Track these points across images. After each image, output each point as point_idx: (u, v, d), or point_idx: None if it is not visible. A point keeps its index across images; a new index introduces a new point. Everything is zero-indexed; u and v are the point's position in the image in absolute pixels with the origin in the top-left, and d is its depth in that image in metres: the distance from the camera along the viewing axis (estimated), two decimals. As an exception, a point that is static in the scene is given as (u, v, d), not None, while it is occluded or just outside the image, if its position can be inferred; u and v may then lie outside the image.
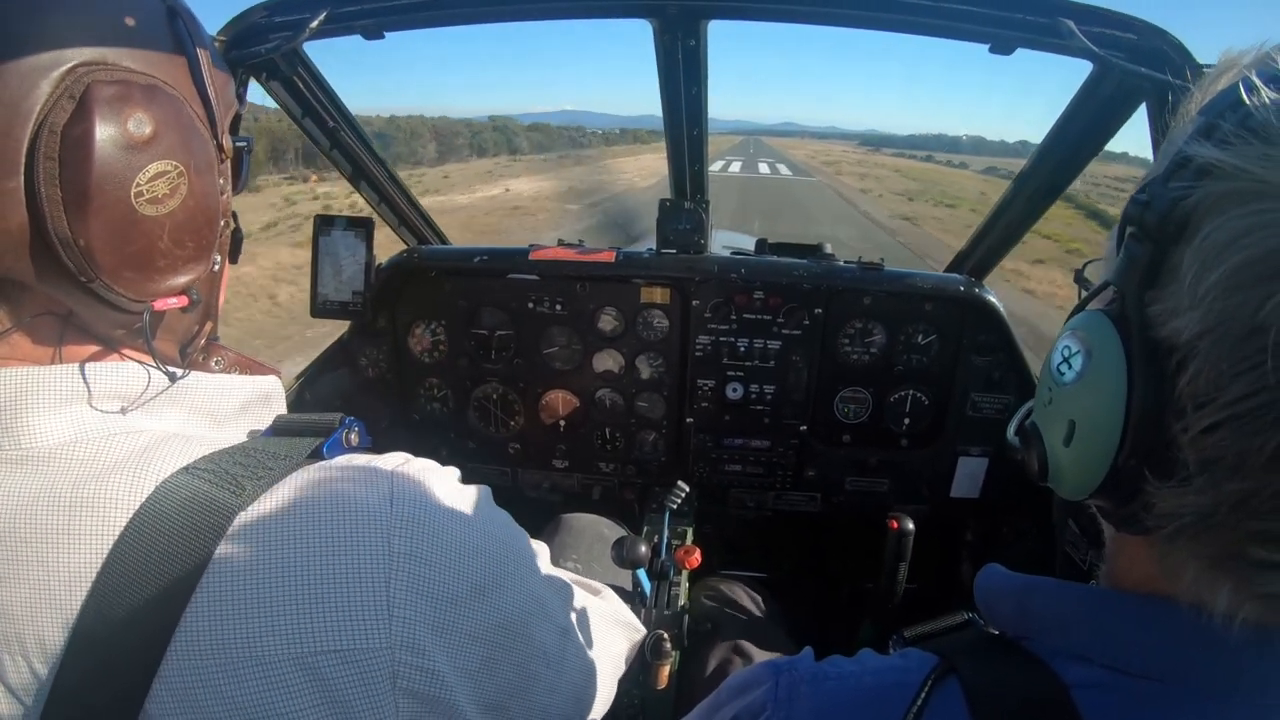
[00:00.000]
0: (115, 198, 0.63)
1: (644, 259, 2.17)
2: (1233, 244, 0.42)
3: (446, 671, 0.67)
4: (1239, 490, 0.43)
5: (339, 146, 2.01)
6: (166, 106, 0.67)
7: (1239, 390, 0.41)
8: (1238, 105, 0.45)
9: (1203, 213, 0.45)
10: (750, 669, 0.71)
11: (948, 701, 0.56)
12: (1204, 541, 0.46)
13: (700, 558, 1.77)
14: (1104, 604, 0.56)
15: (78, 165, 0.60)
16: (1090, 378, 0.52)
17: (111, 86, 0.62)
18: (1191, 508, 0.45)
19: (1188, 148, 0.47)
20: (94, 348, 0.70)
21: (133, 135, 0.63)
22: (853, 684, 0.62)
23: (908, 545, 1.75)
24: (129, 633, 0.59)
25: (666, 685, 1.55)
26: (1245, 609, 0.46)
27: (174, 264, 0.71)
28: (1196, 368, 0.44)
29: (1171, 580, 0.51)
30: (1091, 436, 0.52)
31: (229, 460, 0.66)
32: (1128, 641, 0.53)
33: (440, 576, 0.68)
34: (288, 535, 0.63)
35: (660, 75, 1.76)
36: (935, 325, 2.14)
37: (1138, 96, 1.41)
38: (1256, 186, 0.42)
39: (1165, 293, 0.47)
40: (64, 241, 0.61)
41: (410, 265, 2.26)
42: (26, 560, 0.60)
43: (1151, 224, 0.48)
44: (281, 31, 1.49)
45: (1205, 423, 0.43)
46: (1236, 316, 0.41)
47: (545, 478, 2.48)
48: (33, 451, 0.64)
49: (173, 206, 0.68)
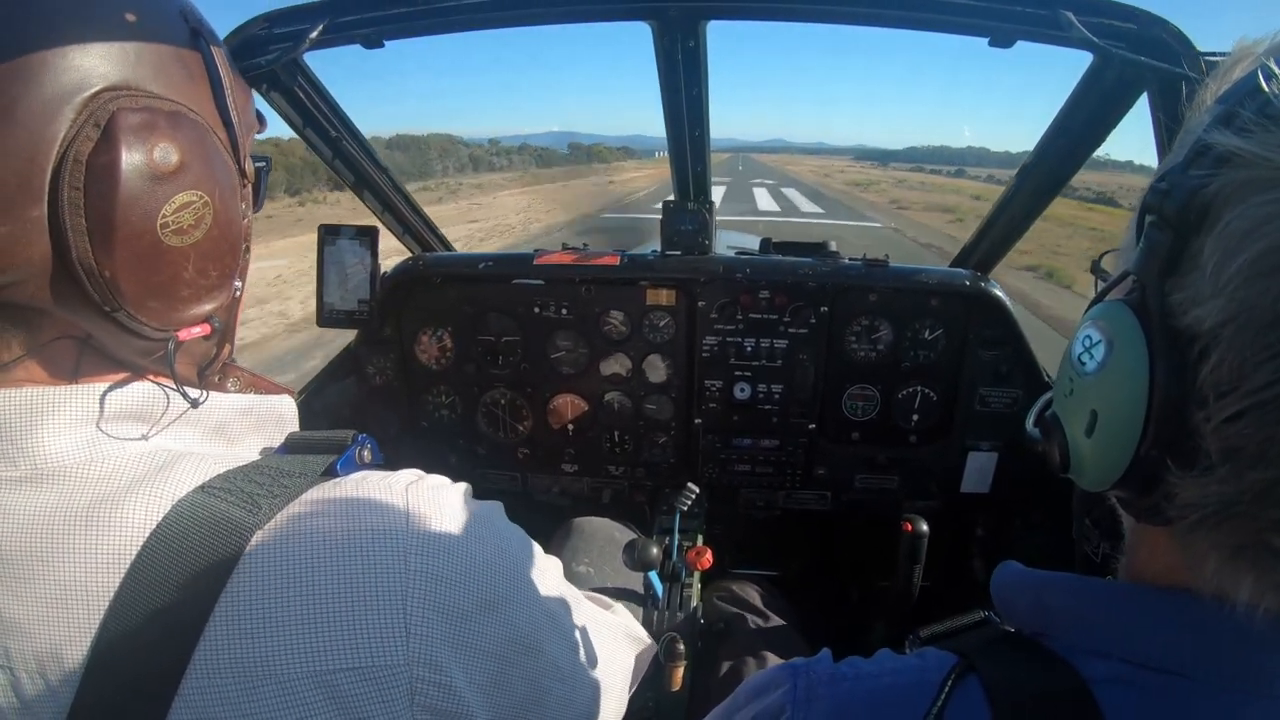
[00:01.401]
0: (141, 229, 0.62)
1: (648, 261, 2.17)
2: (1254, 231, 0.42)
3: (462, 687, 0.67)
4: (1262, 479, 0.42)
5: (341, 156, 2.02)
6: (191, 134, 0.66)
7: (1262, 378, 0.41)
8: (1256, 93, 0.45)
9: (1223, 200, 0.44)
10: (768, 671, 0.70)
11: (968, 700, 0.55)
12: (1226, 531, 0.46)
13: (711, 558, 1.77)
14: (1124, 598, 0.56)
15: (103, 196, 0.59)
16: (1112, 367, 0.52)
17: (137, 114, 0.61)
18: (1214, 497, 0.45)
19: (1207, 135, 0.46)
20: (112, 371, 0.70)
21: (158, 165, 0.62)
22: (870, 684, 0.62)
23: (922, 548, 1.73)
24: (149, 652, 0.59)
25: (680, 687, 1.55)
26: (1268, 599, 0.46)
27: (198, 293, 0.70)
28: (1219, 356, 0.43)
29: (1193, 572, 0.51)
30: (1113, 426, 0.51)
31: (244, 478, 0.66)
32: (1148, 635, 0.53)
33: (454, 593, 0.68)
34: (304, 553, 0.63)
35: (660, 77, 1.76)
36: (942, 320, 2.14)
37: (1139, 86, 1.40)
38: (1276, 175, 0.42)
39: (1186, 281, 0.47)
40: (89, 271, 0.60)
41: (415, 273, 2.27)
42: (42, 578, 0.60)
43: (1172, 212, 0.47)
44: (282, 43, 1.50)
45: (1228, 411, 0.43)
46: (1259, 304, 0.41)
47: (555, 482, 2.49)
48: (48, 470, 0.64)
49: (198, 237, 0.67)
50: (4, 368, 0.64)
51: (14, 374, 0.64)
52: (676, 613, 1.76)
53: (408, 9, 1.51)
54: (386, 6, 1.51)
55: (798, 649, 1.78)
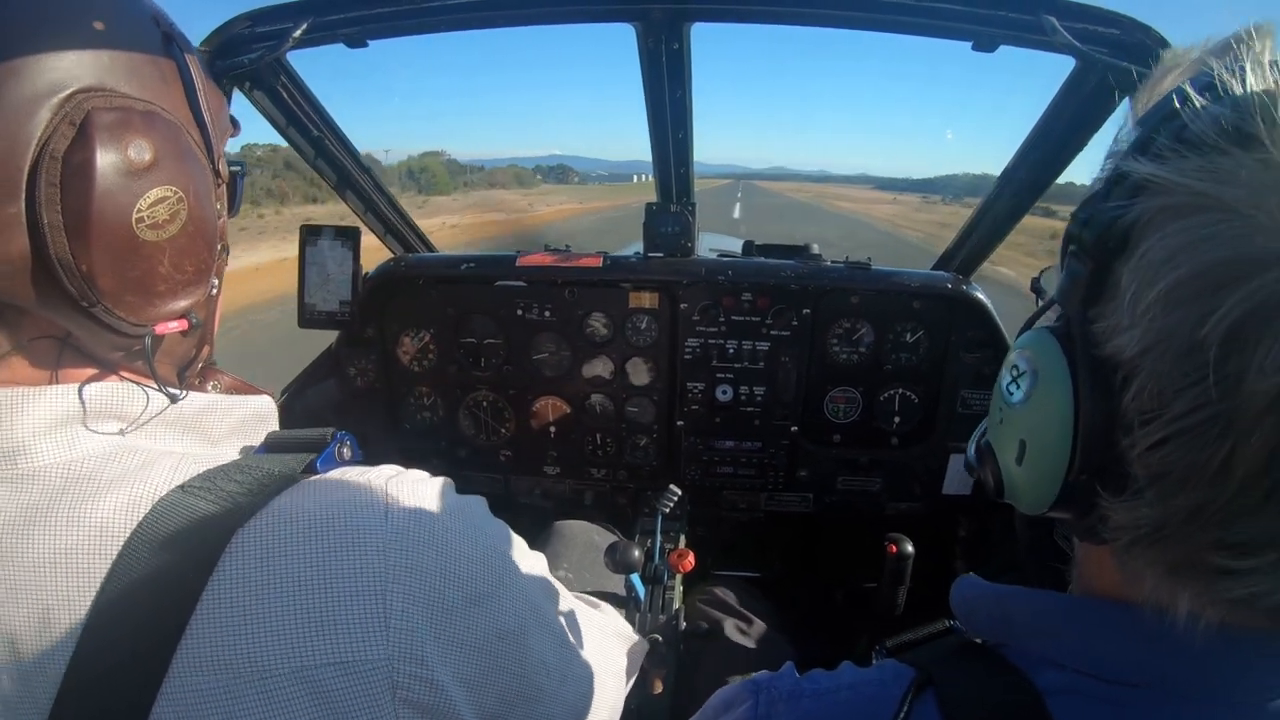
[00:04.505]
0: (117, 223, 0.63)
1: (631, 263, 2.17)
2: (1170, 260, 0.42)
3: (446, 681, 0.67)
4: (1189, 503, 0.43)
5: (324, 156, 2.01)
6: (165, 132, 0.67)
7: (1182, 406, 0.41)
8: (1172, 117, 0.45)
9: (1140, 229, 0.45)
10: (733, 686, 0.71)
11: (925, 715, 0.56)
12: (1161, 550, 0.47)
13: (694, 561, 1.77)
14: (1075, 611, 0.57)
15: (79, 191, 0.61)
16: (1037, 397, 0.53)
17: (111, 113, 0.63)
18: (1145, 520, 0.46)
19: (1123, 164, 0.46)
20: (92, 370, 0.70)
21: (133, 161, 0.64)
22: (829, 700, 0.63)
23: (906, 570, 1.72)
24: (130, 652, 0.58)
25: (662, 690, 1.55)
26: (1208, 613, 0.47)
27: (174, 288, 0.71)
28: (1140, 384, 0.44)
29: (1134, 587, 0.52)
30: (1042, 455, 0.52)
31: (224, 477, 0.66)
32: (1099, 647, 0.54)
33: (436, 586, 0.68)
34: (286, 550, 0.63)
35: (644, 79, 1.77)
36: (924, 323, 2.15)
37: (1121, 92, 1.42)
38: (1193, 200, 0.42)
39: (1107, 310, 0.47)
40: (65, 266, 0.61)
41: (397, 274, 2.26)
42: (22, 581, 0.60)
43: (1090, 242, 0.48)
44: (265, 41, 1.49)
45: (1152, 439, 0.43)
46: (1176, 333, 0.41)
47: (537, 484, 2.48)
48: (28, 471, 0.64)
49: (173, 231, 0.68)
50: None
51: None
52: (659, 615, 1.75)
53: (391, 8, 1.51)
54: (370, 6, 1.50)
55: (780, 651, 1.78)
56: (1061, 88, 1.56)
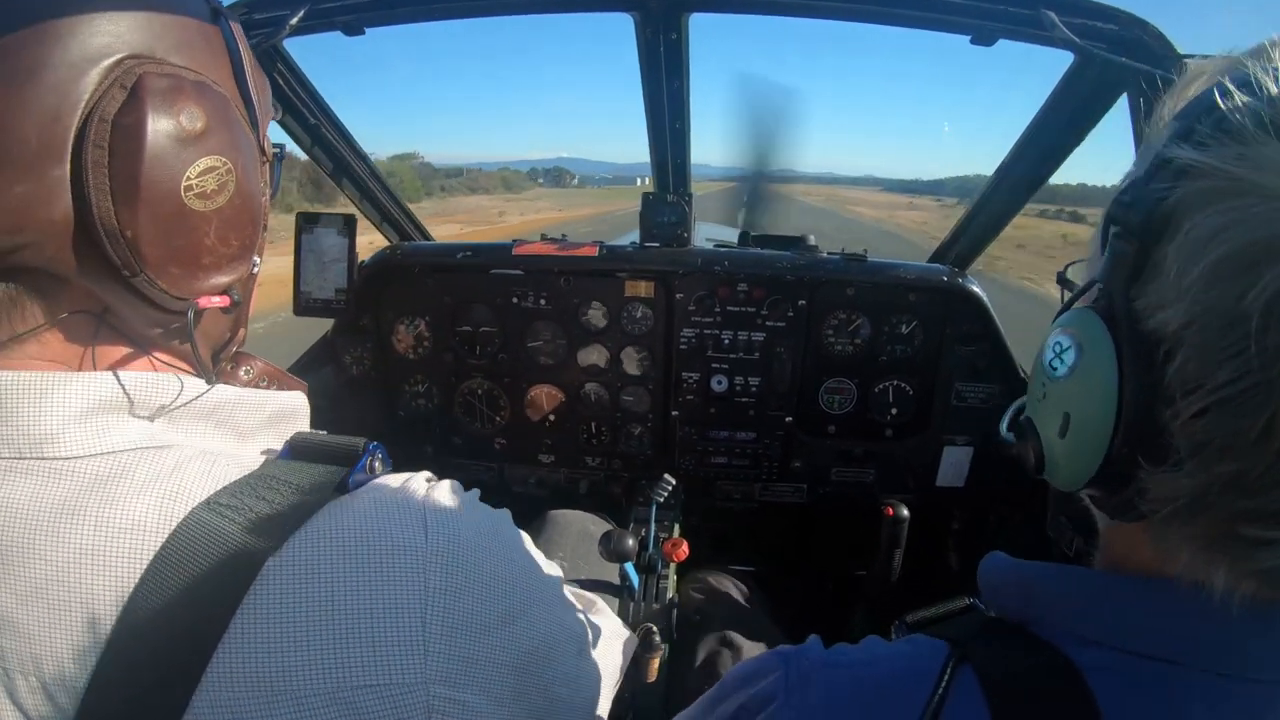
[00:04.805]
0: (165, 190, 0.62)
1: (627, 253, 2.17)
2: (1214, 238, 0.44)
3: (479, 703, 0.66)
4: (1229, 471, 0.45)
5: (320, 143, 2.00)
6: (216, 103, 0.66)
7: (1225, 375, 0.43)
8: (1213, 109, 0.47)
9: (1184, 211, 0.47)
10: (757, 658, 0.71)
11: (964, 690, 0.56)
12: (1198, 523, 0.48)
13: (688, 550, 1.78)
14: (1110, 587, 0.58)
15: (129, 155, 0.59)
16: (1082, 371, 0.54)
17: (163, 79, 0.61)
18: (1185, 491, 0.47)
19: (1166, 150, 0.49)
20: (126, 349, 0.68)
21: (185, 128, 0.62)
22: (863, 672, 0.63)
23: (902, 532, 1.76)
24: (159, 666, 0.57)
25: (656, 678, 1.56)
26: (1243, 585, 0.49)
27: (218, 261, 0.69)
28: (1184, 356, 0.46)
29: (1169, 563, 0.53)
30: (1086, 427, 0.53)
31: (253, 495, 0.64)
32: (1135, 624, 0.55)
33: (473, 607, 0.67)
34: (322, 572, 0.62)
35: (641, 69, 1.76)
36: (919, 315, 2.16)
37: (1119, 87, 1.43)
38: (1233, 184, 0.44)
39: (1150, 288, 0.49)
40: (110, 232, 0.60)
41: (393, 262, 2.25)
42: (47, 578, 0.58)
43: (1135, 223, 0.50)
44: (262, 28, 1.48)
45: (1194, 408, 0.45)
46: (1219, 307, 0.43)
47: (532, 473, 2.49)
48: (56, 461, 0.62)
49: (220, 203, 0.67)
50: (19, 339, 0.62)
51: (27, 347, 0.63)
52: (653, 604, 1.76)
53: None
54: None
55: (773, 640, 1.79)
56: (1059, 82, 1.57)
